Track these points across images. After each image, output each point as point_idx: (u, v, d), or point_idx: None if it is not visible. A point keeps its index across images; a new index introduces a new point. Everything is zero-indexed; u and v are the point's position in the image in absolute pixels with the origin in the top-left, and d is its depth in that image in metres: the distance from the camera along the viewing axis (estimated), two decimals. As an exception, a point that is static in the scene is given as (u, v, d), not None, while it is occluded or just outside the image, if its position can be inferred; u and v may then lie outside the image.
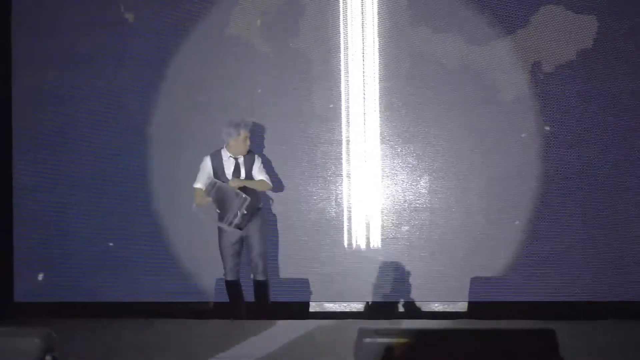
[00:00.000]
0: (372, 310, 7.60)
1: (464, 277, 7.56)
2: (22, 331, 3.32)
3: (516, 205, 7.53)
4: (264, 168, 7.26)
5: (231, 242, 7.18)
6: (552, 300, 7.45)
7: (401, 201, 7.67)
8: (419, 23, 7.67)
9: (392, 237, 7.65)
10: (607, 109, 7.50)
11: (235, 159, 7.22)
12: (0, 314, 7.41)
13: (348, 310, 7.65)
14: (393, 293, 7.63)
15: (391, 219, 7.66)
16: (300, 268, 7.69)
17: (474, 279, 7.53)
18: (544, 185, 7.52)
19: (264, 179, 7.24)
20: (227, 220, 7.03)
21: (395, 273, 7.61)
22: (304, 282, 7.68)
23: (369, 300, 7.64)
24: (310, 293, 7.69)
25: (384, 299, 7.64)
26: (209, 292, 7.72)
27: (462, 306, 7.55)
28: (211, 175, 7.21)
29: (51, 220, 7.88)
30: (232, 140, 7.16)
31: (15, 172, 7.94)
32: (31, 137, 7.95)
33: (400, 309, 7.61)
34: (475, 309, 7.46)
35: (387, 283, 7.64)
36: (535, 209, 7.52)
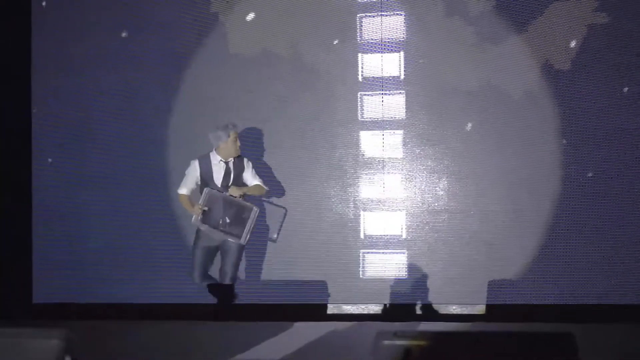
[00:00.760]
0: (390, 313, 7.59)
1: (482, 280, 7.54)
2: (42, 332, 3.33)
3: (534, 208, 7.51)
4: (255, 171, 7.26)
5: (209, 247, 7.21)
6: (571, 303, 7.42)
7: (419, 203, 7.66)
8: (440, 25, 7.66)
9: (410, 240, 7.64)
10: (625, 109, 7.46)
11: (226, 163, 7.18)
12: (19, 315, 7.44)
13: (366, 312, 7.64)
14: (411, 295, 7.61)
15: (409, 222, 7.65)
16: (318, 270, 7.68)
17: (491, 281, 7.51)
18: (562, 188, 7.49)
19: (259, 183, 7.23)
20: (244, 238, 7.03)
21: (413, 275, 7.60)
22: (322, 284, 7.68)
23: (387, 302, 7.63)
24: (328, 295, 7.68)
25: (402, 301, 7.63)
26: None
27: (480, 309, 7.53)
28: (198, 181, 7.19)
29: (70, 222, 7.90)
30: (223, 144, 7.14)
31: (35, 173, 7.98)
32: (50, 138, 7.98)
33: (418, 311, 7.60)
34: (493, 312, 7.43)
35: (405, 285, 7.63)
36: (554, 211, 7.49)
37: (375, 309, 7.66)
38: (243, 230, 7.03)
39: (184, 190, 7.25)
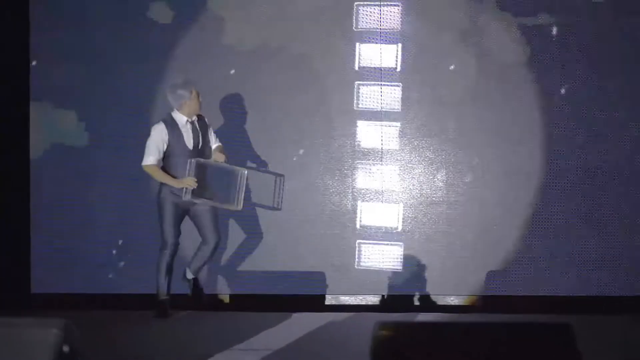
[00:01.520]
0: (388, 304, 7.60)
1: (480, 271, 7.55)
2: (40, 322, 3.33)
3: (533, 200, 7.51)
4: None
5: (179, 213, 6.81)
6: (569, 294, 7.43)
7: (418, 195, 7.66)
8: (438, 19, 7.65)
9: (409, 231, 7.64)
10: (622, 104, 7.48)
11: (192, 123, 6.76)
12: (18, 305, 7.44)
13: (364, 303, 7.65)
14: (409, 286, 7.63)
15: (408, 213, 7.65)
16: (316, 261, 7.69)
17: (490, 272, 7.53)
18: (561, 180, 7.49)
19: (220, 144, 7.01)
20: (237, 202, 6.77)
21: (412, 266, 7.60)
22: (319, 275, 7.68)
23: (385, 293, 7.64)
24: (326, 286, 7.69)
25: (400, 292, 7.64)
26: (223, 285, 7.73)
27: (478, 300, 7.54)
28: (164, 147, 6.69)
29: (69, 212, 7.89)
30: (187, 101, 6.73)
31: (33, 163, 7.96)
32: (48, 129, 7.96)
33: (416, 302, 7.61)
34: (491, 303, 7.45)
35: (403, 276, 7.64)
36: (553, 203, 7.50)
37: (373, 300, 7.67)
38: (236, 196, 6.78)
39: (151, 160, 6.70)
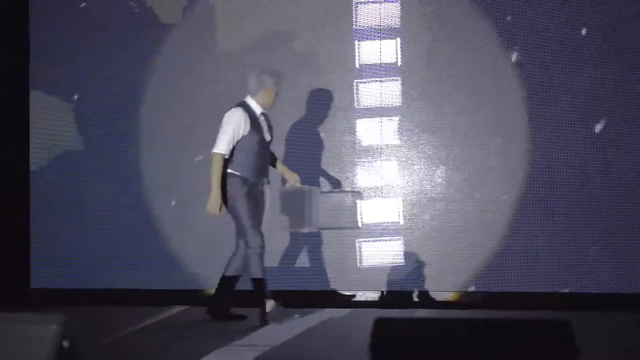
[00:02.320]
0: (387, 300, 7.61)
1: (479, 268, 7.55)
2: (39, 317, 3.33)
3: (533, 197, 7.51)
4: None
5: (252, 205, 6.23)
6: (568, 291, 7.43)
7: (417, 191, 7.66)
8: (438, 11, 7.65)
9: (408, 227, 7.64)
10: (623, 102, 7.48)
11: (265, 115, 6.16)
12: (17, 301, 7.45)
13: (363, 299, 7.65)
14: (408, 283, 7.63)
15: (407, 209, 7.65)
16: (316, 257, 7.69)
17: (489, 269, 7.52)
18: (561, 177, 7.48)
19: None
20: (311, 223, 6.69)
21: (411, 263, 7.61)
22: (319, 271, 7.68)
23: (384, 289, 7.64)
24: (326, 282, 7.69)
25: (399, 288, 7.64)
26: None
27: (478, 296, 7.54)
28: (239, 136, 5.88)
29: (68, 208, 7.90)
30: (266, 91, 6.11)
31: (33, 159, 7.97)
32: (48, 128, 7.96)
33: (415, 298, 7.62)
34: (491, 299, 7.45)
35: (403, 273, 7.64)
36: (553, 200, 7.49)
37: (372, 296, 7.67)
38: (311, 217, 6.59)
39: (223, 148, 5.85)
